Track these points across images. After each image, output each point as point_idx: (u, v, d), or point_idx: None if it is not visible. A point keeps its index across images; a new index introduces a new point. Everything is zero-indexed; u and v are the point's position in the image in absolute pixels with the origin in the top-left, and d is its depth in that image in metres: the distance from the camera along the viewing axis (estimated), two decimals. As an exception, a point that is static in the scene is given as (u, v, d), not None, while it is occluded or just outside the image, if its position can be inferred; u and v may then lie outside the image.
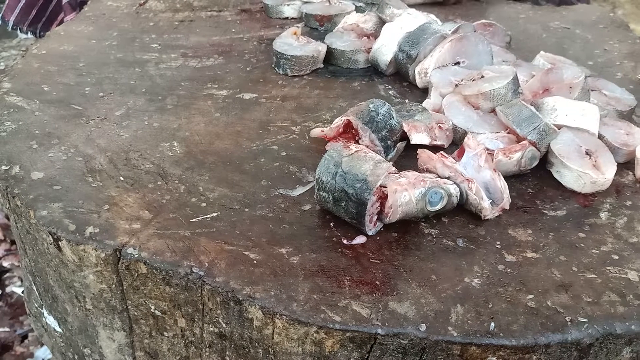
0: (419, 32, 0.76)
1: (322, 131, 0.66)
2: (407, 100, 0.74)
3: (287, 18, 0.97)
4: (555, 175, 0.65)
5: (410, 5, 1.02)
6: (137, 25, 0.95)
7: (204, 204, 0.59)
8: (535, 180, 0.65)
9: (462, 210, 0.60)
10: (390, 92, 0.78)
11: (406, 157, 0.66)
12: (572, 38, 1.02)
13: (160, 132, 0.69)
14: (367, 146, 0.62)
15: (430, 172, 0.61)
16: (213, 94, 0.76)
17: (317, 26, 0.92)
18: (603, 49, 1.00)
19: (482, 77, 0.70)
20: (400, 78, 0.80)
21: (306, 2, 0.95)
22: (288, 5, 0.97)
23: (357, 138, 0.64)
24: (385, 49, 0.78)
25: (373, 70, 0.82)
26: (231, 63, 0.84)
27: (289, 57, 0.78)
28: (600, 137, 0.68)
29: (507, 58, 0.81)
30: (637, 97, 0.83)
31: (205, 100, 0.75)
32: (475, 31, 0.85)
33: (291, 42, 0.80)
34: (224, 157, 0.66)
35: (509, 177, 0.64)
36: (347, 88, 0.78)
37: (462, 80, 0.72)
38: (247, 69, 0.82)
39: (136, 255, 0.52)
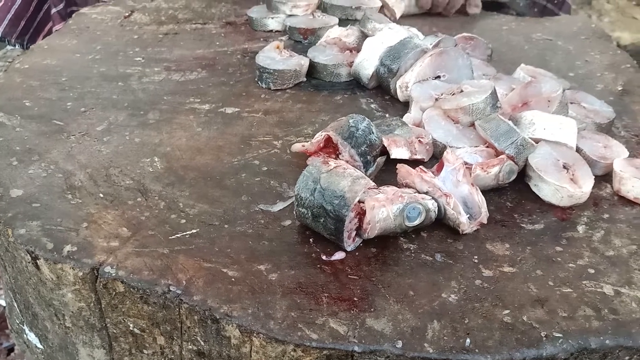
0: (399, 46, 0.77)
1: (303, 146, 0.67)
2: (387, 115, 0.75)
3: (271, 31, 0.98)
4: (534, 189, 0.65)
5: (403, 16, 1.03)
6: (121, 39, 0.95)
7: (183, 221, 0.59)
8: (513, 194, 0.66)
9: (441, 225, 0.60)
10: (372, 105, 0.78)
11: (387, 171, 0.66)
12: (553, 49, 1.03)
13: (141, 147, 0.69)
14: (347, 161, 0.62)
15: (410, 186, 0.61)
16: (195, 108, 0.77)
17: (301, 39, 0.93)
18: (584, 60, 1.01)
19: (462, 91, 0.71)
20: (382, 91, 0.81)
21: (290, 15, 0.96)
22: (272, 18, 0.97)
23: (337, 153, 0.64)
24: (367, 63, 0.78)
25: (355, 83, 0.82)
26: (214, 77, 0.84)
27: (272, 71, 0.79)
28: (578, 150, 0.69)
29: (488, 72, 0.81)
30: (617, 109, 0.84)
31: (188, 114, 0.75)
32: (456, 45, 0.86)
33: (274, 56, 0.81)
34: (204, 173, 0.66)
35: (488, 191, 0.65)
36: (330, 102, 0.79)
37: (442, 95, 0.72)
38: (230, 82, 0.83)
39: (113, 274, 0.52)
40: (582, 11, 2.61)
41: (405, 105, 0.77)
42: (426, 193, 0.60)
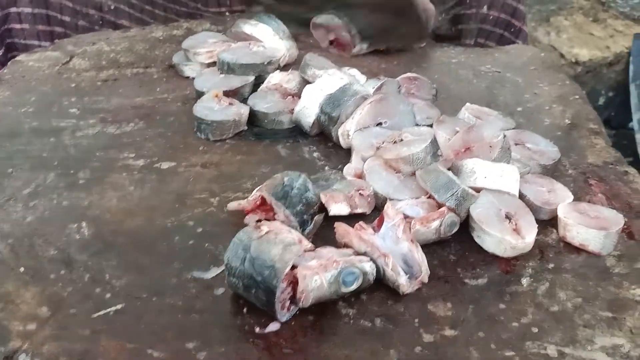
0: (339, 93, 0.75)
1: (240, 204, 0.64)
2: (327, 168, 0.72)
3: (187, 77, 0.94)
4: (477, 240, 0.64)
5: (353, 55, 1.01)
6: (57, 87, 0.92)
7: (108, 295, 0.55)
8: (457, 245, 0.64)
9: (382, 285, 0.58)
10: (315, 154, 0.76)
11: (328, 227, 0.63)
12: (502, 82, 1.03)
13: (69, 211, 0.66)
14: (282, 221, 0.60)
15: (348, 246, 0.59)
16: (129, 164, 0.73)
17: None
18: (533, 92, 1.00)
19: (402, 140, 0.69)
20: (325, 138, 0.79)
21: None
22: (186, 65, 0.94)
23: (274, 212, 0.62)
24: (308, 111, 0.76)
25: (298, 130, 0.80)
26: (152, 128, 0.81)
27: (209, 122, 0.76)
28: (521, 196, 0.67)
29: (431, 114, 0.80)
30: (564, 145, 0.84)
31: (120, 172, 0.72)
32: (400, 87, 0.85)
33: (212, 106, 0.78)
34: (135, 238, 0.63)
35: (431, 244, 0.63)
36: (271, 152, 0.76)
37: (383, 143, 0.71)
38: (169, 133, 0.80)
39: (26, 364, 0.48)
40: (541, 28, 2.64)
41: (349, 152, 0.75)
42: (364, 254, 0.57)
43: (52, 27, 1.27)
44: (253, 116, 0.80)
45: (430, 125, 0.78)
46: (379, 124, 0.74)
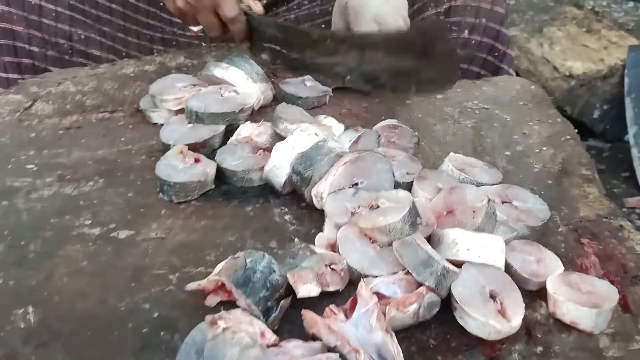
0: (312, 152, 0.69)
1: (199, 285, 0.59)
2: (296, 240, 0.67)
3: (156, 124, 0.89)
4: (460, 322, 0.58)
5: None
6: (16, 138, 0.86)
7: (50, 400, 0.50)
8: (438, 327, 0.58)
9: (354, 380, 0.53)
10: (286, 216, 0.71)
11: (297, 307, 0.58)
12: (489, 121, 0.97)
13: (15, 293, 0.60)
14: (244, 309, 0.54)
15: (316, 338, 0.54)
16: (84, 233, 0.68)
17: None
18: (522, 132, 0.95)
19: (378, 206, 0.63)
20: (298, 197, 0.73)
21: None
22: (154, 112, 0.88)
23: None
24: (278, 171, 0.71)
25: (270, 187, 0.74)
26: (112, 187, 0.75)
27: (172, 184, 0.70)
28: (507, 267, 0.62)
29: (412, 169, 0.75)
30: (555, 197, 0.79)
31: (74, 243, 0.66)
32: (379, 137, 0.79)
33: (175, 164, 0.72)
34: (84, 324, 0.57)
35: (409, 327, 0.58)
36: (239, 214, 0.71)
37: (358, 208, 0.65)
38: (129, 194, 0.74)
39: None
40: (534, 39, 2.59)
41: (323, 213, 0.70)
42: (334, 348, 0.52)
43: (19, 58, 1.21)
44: (221, 173, 0.74)
45: (411, 184, 0.73)
46: (355, 184, 0.69)
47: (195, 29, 1.05)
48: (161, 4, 1.32)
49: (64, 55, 1.27)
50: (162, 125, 0.88)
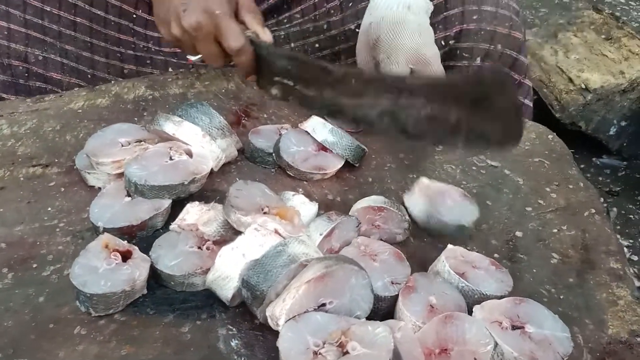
0: (268, 261, 0.53)
1: None
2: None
3: (93, 187, 0.73)
4: None
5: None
6: None
7: None
8: None
9: None
10: (234, 342, 0.55)
11: None
12: (498, 186, 0.81)
13: None
14: None
15: None
16: (-29, 363, 0.53)
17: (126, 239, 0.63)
18: (537, 201, 0.79)
19: (347, 353, 0.48)
20: (250, 313, 0.57)
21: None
22: (89, 173, 0.73)
23: None
24: (224, 282, 0.55)
25: (216, 297, 0.59)
26: (21, 286, 0.60)
27: (89, 295, 0.55)
28: None
29: (398, 275, 0.59)
30: (578, 302, 0.63)
31: (-46, 380, 0.51)
32: (358, 225, 0.64)
33: (96, 265, 0.57)
34: None
35: None
36: (172, 338, 0.55)
37: (323, 345, 0.50)
38: (40, 299, 0.59)
39: None
40: (547, 45, 2.41)
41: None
42: None
43: (-37, 84, 1.06)
44: (157, 273, 0.59)
45: (395, 297, 0.57)
46: (323, 304, 0.53)
47: (193, 58, 0.89)
48: (134, 15, 1.16)
49: (18, 79, 1.10)
50: (100, 189, 0.72)
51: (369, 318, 0.55)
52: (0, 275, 0.61)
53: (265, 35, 0.89)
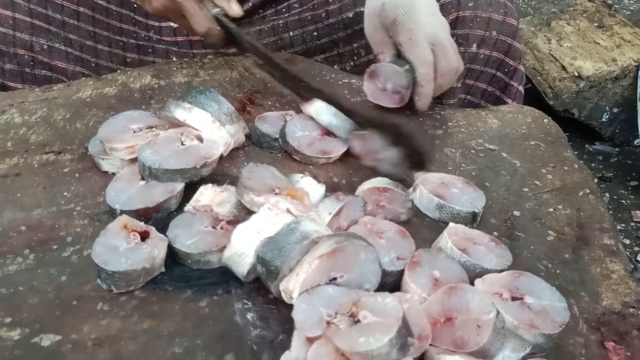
0: (281, 238, 0.56)
1: None
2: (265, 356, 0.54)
3: (107, 172, 0.76)
4: None
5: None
6: (-60, 189, 0.73)
7: None
8: None
9: None
10: (249, 315, 0.58)
11: None
12: (495, 168, 0.84)
13: None
14: None
15: None
16: (1, 337, 0.55)
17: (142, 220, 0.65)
18: (533, 183, 0.82)
19: (359, 321, 0.51)
20: (265, 288, 0.60)
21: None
22: (103, 159, 0.75)
23: None
24: (240, 259, 0.58)
25: (231, 273, 0.62)
26: (43, 266, 0.63)
27: (110, 273, 0.58)
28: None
29: (404, 250, 0.62)
30: (573, 277, 0.67)
31: (-15, 353, 0.54)
32: (364, 204, 0.66)
33: (117, 244, 0.60)
34: None
35: None
36: (191, 312, 0.58)
37: (335, 316, 0.53)
38: (62, 278, 0.61)
39: None
40: (541, 34, 2.44)
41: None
42: None
43: (-29, 73, 1.08)
44: (173, 252, 0.62)
45: (401, 272, 0.60)
46: (334, 278, 0.57)
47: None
48: (135, 5, 1.18)
49: (24, 68, 1.13)
50: (114, 174, 0.75)
51: (376, 292, 0.58)
52: (22, 256, 0.64)
53: (232, 10, 0.93)
